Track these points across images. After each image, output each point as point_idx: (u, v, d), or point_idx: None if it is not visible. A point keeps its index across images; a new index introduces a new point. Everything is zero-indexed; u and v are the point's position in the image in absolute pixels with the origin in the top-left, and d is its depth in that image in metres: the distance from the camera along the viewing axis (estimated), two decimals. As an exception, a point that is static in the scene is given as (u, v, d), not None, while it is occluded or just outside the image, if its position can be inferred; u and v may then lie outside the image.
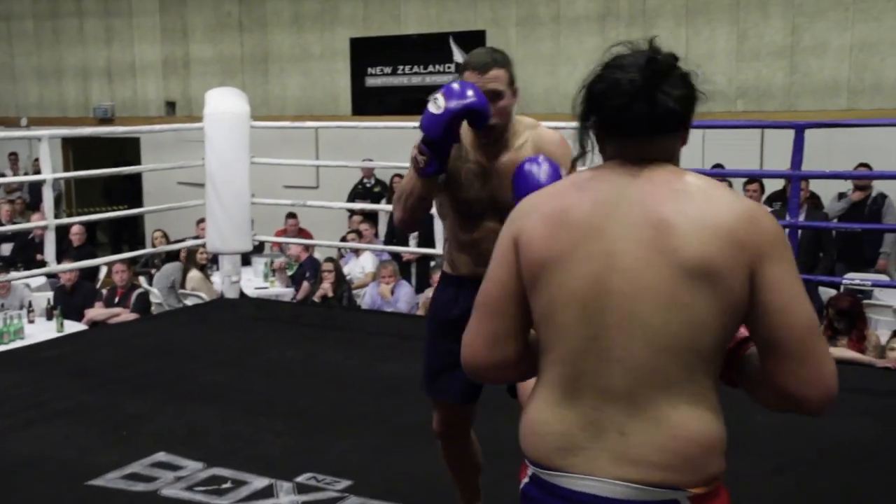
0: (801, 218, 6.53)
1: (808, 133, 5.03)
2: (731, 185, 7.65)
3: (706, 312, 1.35)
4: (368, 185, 9.46)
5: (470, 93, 2.25)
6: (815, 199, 7.41)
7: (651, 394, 1.37)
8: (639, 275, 1.36)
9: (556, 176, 2.21)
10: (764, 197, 7.43)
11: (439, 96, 2.27)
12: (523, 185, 2.20)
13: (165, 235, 8.65)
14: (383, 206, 8.50)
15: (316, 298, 6.84)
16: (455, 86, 2.27)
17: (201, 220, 7.93)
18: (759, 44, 8.37)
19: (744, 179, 7.46)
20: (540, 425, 1.46)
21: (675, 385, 1.37)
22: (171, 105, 11.92)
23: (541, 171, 2.22)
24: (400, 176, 8.85)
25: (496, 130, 2.37)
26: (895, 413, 4.00)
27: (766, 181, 7.45)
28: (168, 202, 7.45)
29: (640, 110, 1.40)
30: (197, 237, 8.05)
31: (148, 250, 8.57)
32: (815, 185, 7.50)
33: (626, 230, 1.38)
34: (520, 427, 1.51)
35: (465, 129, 2.37)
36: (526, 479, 1.49)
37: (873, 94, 7.92)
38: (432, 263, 7.07)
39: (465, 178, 2.43)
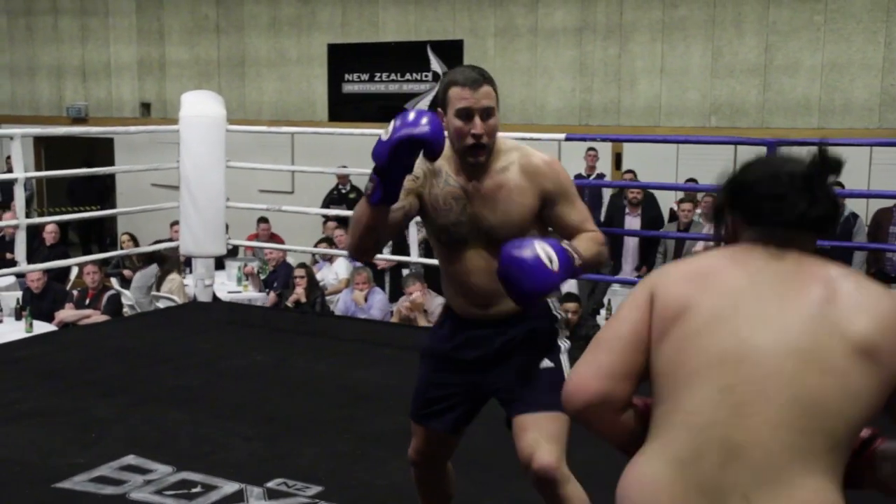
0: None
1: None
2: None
3: (863, 385, 1.31)
4: (344, 191, 9.45)
5: (424, 121, 2.09)
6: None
7: (787, 457, 1.29)
8: (794, 337, 1.33)
9: (533, 261, 2.02)
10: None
11: (391, 123, 2.12)
12: (510, 287, 2.06)
13: (133, 238, 8.59)
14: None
15: (289, 303, 6.82)
16: (410, 114, 2.11)
17: (175, 223, 7.88)
18: (733, 61, 8.48)
19: (716, 194, 7.55)
20: (652, 483, 1.35)
21: (815, 453, 1.29)
22: (146, 106, 11.85)
23: (516, 265, 2.03)
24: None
25: (486, 151, 2.27)
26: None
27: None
28: (141, 204, 7.40)
29: (799, 204, 1.42)
30: (170, 240, 8.00)
31: (119, 252, 8.50)
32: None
33: (784, 300, 1.37)
34: (622, 482, 1.42)
35: (445, 151, 2.23)
36: None
37: (843, 114, 8.05)
38: (405, 272, 7.08)
39: (443, 203, 2.33)
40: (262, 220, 8.65)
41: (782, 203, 1.42)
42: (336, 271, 7.75)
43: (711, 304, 1.38)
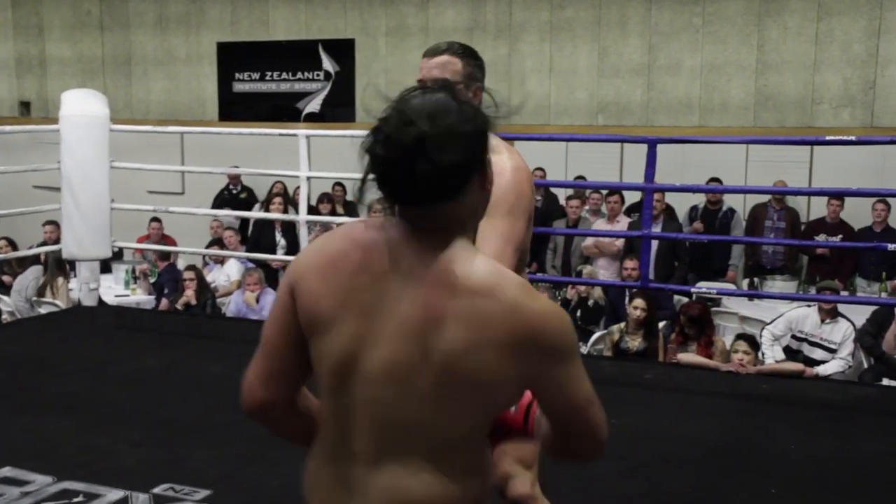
0: (658, 229, 6.86)
1: (665, 148, 5.30)
2: (596, 197, 7.92)
3: (459, 401, 1.32)
4: (235, 192, 9.31)
5: None
6: (670, 211, 7.77)
7: (388, 451, 1.35)
8: (390, 358, 1.32)
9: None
10: (623, 208, 7.73)
11: None
12: None
13: (11, 243, 8.26)
14: (249, 214, 8.39)
15: (179, 306, 6.68)
16: None
17: (48, 223, 7.62)
18: (618, 61, 8.72)
19: (605, 191, 7.75)
20: (308, 480, 1.46)
21: (412, 443, 1.34)
22: (25, 105, 11.39)
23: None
24: (282, 182, 8.73)
25: None
26: (738, 414, 4.25)
27: (626, 193, 7.75)
28: (22, 206, 7.12)
29: (398, 178, 1.31)
30: (45, 242, 7.72)
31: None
32: (672, 198, 7.86)
33: (394, 307, 1.33)
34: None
35: None
36: None
37: (722, 113, 8.38)
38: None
39: None
40: (154, 219, 8.45)
41: (386, 182, 1.33)
42: (227, 273, 7.63)
43: (332, 307, 1.36)
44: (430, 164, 1.28)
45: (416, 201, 1.33)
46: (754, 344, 5.36)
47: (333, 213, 8.41)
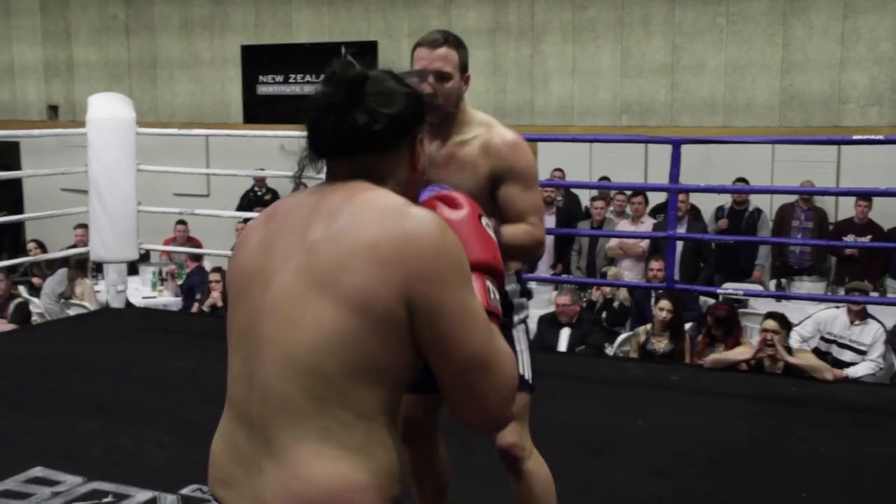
0: (683, 230, 6.82)
1: (690, 148, 5.26)
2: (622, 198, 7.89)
3: (342, 334, 1.22)
4: (260, 194, 9.36)
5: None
6: (695, 212, 7.73)
7: (279, 426, 1.25)
8: (280, 295, 1.27)
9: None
10: (649, 209, 7.70)
11: None
12: None
13: (41, 245, 8.35)
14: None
15: (205, 308, 6.73)
16: None
17: (79, 226, 7.69)
18: (641, 61, 8.68)
19: (629, 192, 7.72)
20: (215, 447, 1.39)
21: (301, 417, 1.24)
22: (53, 109, 11.52)
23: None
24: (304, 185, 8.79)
25: (440, 113, 2.22)
26: (766, 416, 4.22)
27: (651, 194, 7.72)
28: (50, 209, 7.20)
29: (331, 123, 1.34)
30: (75, 245, 7.80)
31: (26, 259, 8.25)
32: (697, 199, 7.82)
33: (287, 249, 1.30)
34: None
35: None
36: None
37: (747, 113, 8.33)
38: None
39: None
40: (180, 222, 8.52)
41: (312, 134, 1.36)
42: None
43: (240, 272, 1.36)
44: (364, 111, 1.32)
45: (344, 150, 1.34)
46: (785, 322, 5.00)
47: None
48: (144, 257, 7.77)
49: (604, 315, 6.55)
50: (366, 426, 1.26)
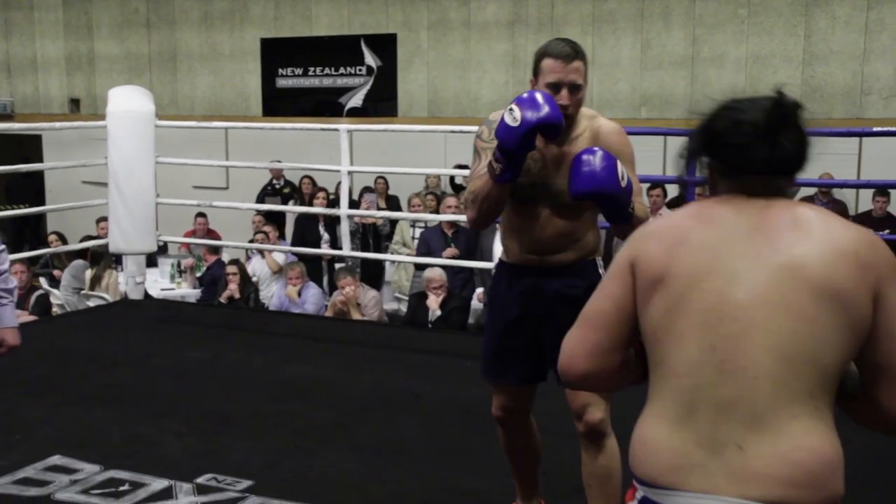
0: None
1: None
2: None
3: (831, 328, 1.36)
4: (278, 187, 9.41)
5: (546, 107, 2.27)
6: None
7: (772, 405, 1.35)
8: (762, 288, 1.38)
9: (612, 164, 2.26)
10: (666, 201, 7.66)
11: (515, 107, 2.28)
12: (577, 175, 2.27)
13: (61, 237, 8.43)
14: (290, 208, 8.46)
15: (222, 299, 6.77)
16: (537, 96, 2.28)
17: (101, 219, 7.75)
18: (661, 53, 8.63)
19: (647, 185, 7.68)
20: (653, 442, 1.43)
21: (797, 397, 1.35)
22: (75, 102, 11.62)
23: (596, 160, 2.26)
24: (309, 177, 8.83)
25: (566, 121, 2.38)
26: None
27: (669, 187, 7.68)
28: (72, 201, 7.27)
29: (762, 152, 1.44)
30: (97, 237, 7.87)
31: (47, 250, 8.34)
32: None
33: (750, 251, 1.41)
34: (631, 446, 1.49)
35: None
36: (633, 502, 1.46)
37: (768, 105, 8.25)
38: (338, 266, 7.08)
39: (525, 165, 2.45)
40: (200, 214, 8.57)
41: (745, 153, 1.45)
42: (268, 265, 7.69)
43: (688, 268, 1.42)
44: (794, 133, 1.46)
45: (769, 172, 1.46)
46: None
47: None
48: (163, 249, 7.82)
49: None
50: (832, 409, 1.40)
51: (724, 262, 1.41)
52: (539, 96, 2.29)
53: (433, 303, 6.18)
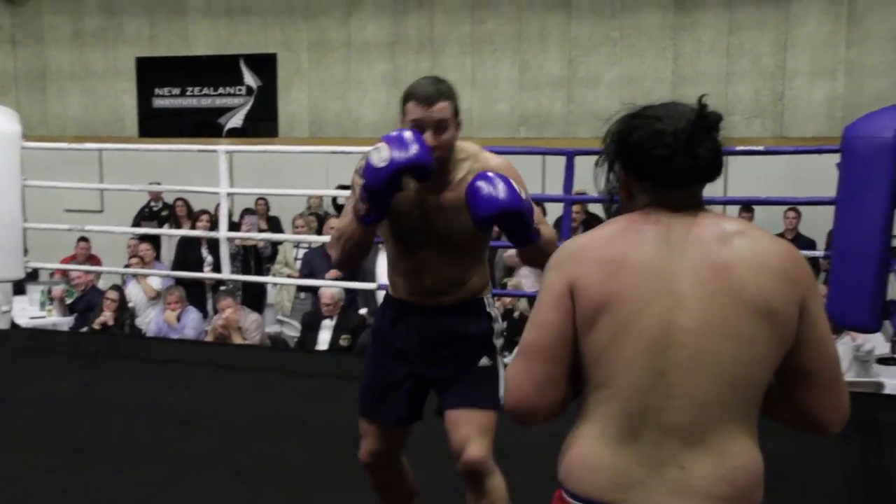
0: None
1: (586, 159, 5.36)
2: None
3: (765, 346, 1.42)
4: (156, 209, 9.15)
5: (415, 147, 2.19)
6: (597, 221, 7.88)
7: (715, 427, 1.42)
8: (707, 313, 1.41)
9: (507, 182, 2.19)
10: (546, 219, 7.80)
11: (383, 147, 2.20)
12: (477, 201, 2.19)
13: None
14: (168, 231, 8.25)
15: (95, 326, 6.52)
16: (406, 135, 2.20)
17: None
18: (539, 74, 8.84)
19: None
20: (595, 460, 1.47)
21: (737, 419, 1.43)
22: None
23: (491, 183, 2.19)
24: (183, 199, 8.63)
25: (437, 163, 2.28)
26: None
27: (549, 206, 7.83)
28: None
29: (683, 163, 1.45)
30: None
31: None
32: (599, 209, 7.97)
33: (689, 272, 1.43)
34: (564, 463, 1.52)
35: None
36: None
37: (641, 124, 8.55)
38: (222, 288, 6.93)
39: (403, 208, 2.37)
40: (83, 239, 8.21)
41: (668, 165, 1.45)
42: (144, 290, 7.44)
43: (632, 293, 1.44)
44: (712, 143, 1.46)
45: (691, 182, 1.48)
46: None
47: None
48: (32, 275, 7.47)
49: (505, 325, 6.61)
50: (757, 419, 1.48)
51: (667, 285, 1.43)
52: (408, 135, 2.21)
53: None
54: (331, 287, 6.14)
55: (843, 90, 8.06)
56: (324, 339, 6.10)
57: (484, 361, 2.45)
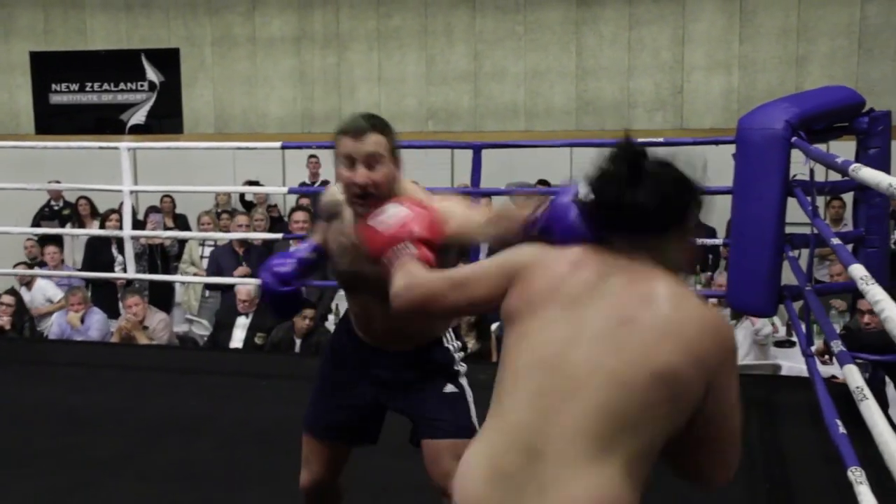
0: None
1: (494, 152, 5.44)
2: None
3: (658, 406, 1.40)
4: (56, 208, 8.87)
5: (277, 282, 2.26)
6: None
7: (581, 461, 1.39)
8: (602, 361, 1.41)
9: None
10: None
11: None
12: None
13: None
14: (70, 231, 8.02)
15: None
16: (273, 266, 2.28)
17: None
18: (446, 69, 8.90)
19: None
20: (470, 469, 1.48)
21: (609, 459, 1.39)
22: None
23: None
24: (86, 198, 8.39)
25: (374, 201, 2.09)
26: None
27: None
28: None
29: (618, 212, 1.48)
30: None
31: None
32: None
33: (599, 318, 1.45)
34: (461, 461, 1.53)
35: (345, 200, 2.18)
36: None
37: (546, 118, 8.70)
38: (127, 287, 6.76)
39: (338, 252, 2.26)
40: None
41: (607, 211, 1.50)
42: (44, 292, 7.20)
43: (544, 312, 1.49)
44: (651, 188, 1.46)
45: (627, 231, 1.49)
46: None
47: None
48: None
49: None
50: (640, 464, 1.43)
51: (578, 319, 1.46)
52: (277, 264, 2.30)
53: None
54: (246, 284, 6.06)
55: (738, 83, 8.35)
56: (238, 338, 6.02)
57: (449, 388, 2.34)
